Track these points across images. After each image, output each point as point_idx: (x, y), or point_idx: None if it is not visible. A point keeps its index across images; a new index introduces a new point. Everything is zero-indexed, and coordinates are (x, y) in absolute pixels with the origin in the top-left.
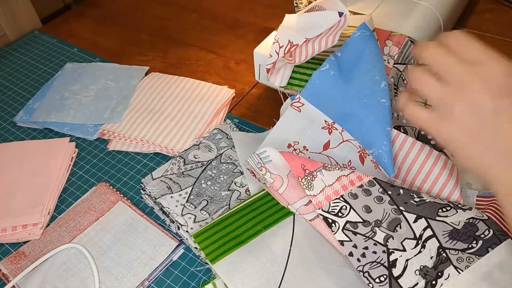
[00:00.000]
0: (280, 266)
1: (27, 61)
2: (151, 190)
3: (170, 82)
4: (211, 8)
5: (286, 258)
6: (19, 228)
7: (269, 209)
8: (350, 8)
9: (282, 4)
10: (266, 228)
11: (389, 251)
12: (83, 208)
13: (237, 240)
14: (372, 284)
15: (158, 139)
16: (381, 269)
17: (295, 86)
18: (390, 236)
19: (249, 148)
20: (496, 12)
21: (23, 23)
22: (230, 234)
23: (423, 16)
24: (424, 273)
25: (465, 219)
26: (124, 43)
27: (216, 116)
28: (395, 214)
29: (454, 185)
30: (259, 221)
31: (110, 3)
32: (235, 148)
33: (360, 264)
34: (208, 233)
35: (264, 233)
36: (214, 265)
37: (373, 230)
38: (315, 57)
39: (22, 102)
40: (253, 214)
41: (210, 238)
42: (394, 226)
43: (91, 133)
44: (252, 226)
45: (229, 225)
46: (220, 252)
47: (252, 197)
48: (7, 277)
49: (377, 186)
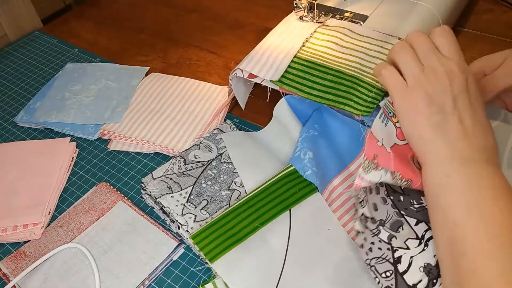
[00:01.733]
0: (278, 261)
1: (28, 61)
2: (151, 190)
3: (170, 82)
4: (211, 8)
5: (284, 254)
6: (20, 228)
7: (265, 205)
8: (350, 8)
9: (282, 4)
10: (263, 224)
11: (393, 248)
12: (84, 208)
13: (235, 238)
14: (379, 278)
15: (158, 139)
16: (387, 264)
17: (285, 85)
18: (393, 236)
19: (242, 149)
20: (496, 12)
21: (23, 23)
22: (227, 232)
23: (423, 16)
24: (428, 271)
25: None
26: (124, 44)
27: (216, 116)
28: (397, 217)
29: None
30: (256, 218)
31: (110, 3)
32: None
33: (368, 258)
34: (206, 233)
35: (262, 229)
36: (213, 264)
37: (378, 228)
38: (315, 61)
39: (22, 102)
40: (249, 211)
41: (208, 237)
42: (397, 227)
43: (92, 133)
44: (249, 223)
45: (226, 223)
46: (218, 251)
47: (248, 194)
48: (8, 276)
49: (384, 188)
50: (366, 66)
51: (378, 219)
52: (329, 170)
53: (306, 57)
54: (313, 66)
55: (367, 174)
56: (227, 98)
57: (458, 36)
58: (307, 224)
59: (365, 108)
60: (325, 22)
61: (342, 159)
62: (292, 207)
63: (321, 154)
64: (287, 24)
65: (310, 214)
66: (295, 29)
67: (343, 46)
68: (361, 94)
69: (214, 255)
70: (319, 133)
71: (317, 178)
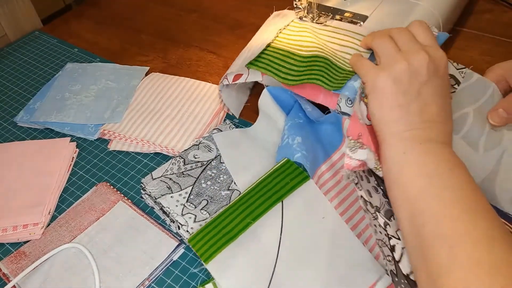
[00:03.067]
0: (271, 257)
1: (28, 61)
2: (151, 190)
3: (170, 82)
4: (211, 8)
5: (277, 249)
6: (20, 228)
7: (257, 200)
8: (350, 8)
9: (282, 4)
10: (256, 220)
11: (389, 235)
12: (84, 208)
13: (228, 237)
14: (386, 261)
15: (158, 139)
16: (387, 249)
17: (261, 69)
18: (387, 223)
19: (234, 149)
20: (496, 12)
21: (23, 23)
22: (221, 232)
23: (423, 16)
24: None
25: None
26: (124, 44)
27: (216, 116)
28: (388, 206)
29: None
30: (248, 214)
31: (110, 3)
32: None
33: (376, 238)
34: (201, 235)
35: (254, 225)
36: (207, 265)
37: (375, 213)
38: (289, 50)
39: (22, 102)
40: (242, 208)
41: (203, 238)
42: (389, 216)
43: (92, 133)
44: (242, 220)
45: (220, 223)
46: (212, 251)
47: (241, 193)
48: (8, 276)
49: (373, 178)
50: (338, 55)
51: (374, 205)
52: (317, 155)
53: (281, 47)
54: (287, 54)
55: (354, 153)
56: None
57: (458, 36)
58: (300, 215)
59: (337, 83)
60: (325, 22)
61: (326, 148)
62: (284, 198)
63: (310, 139)
64: (266, 24)
65: (303, 204)
66: (270, 25)
67: (316, 37)
68: (332, 74)
69: (208, 255)
70: (304, 121)
71: (308, 161)
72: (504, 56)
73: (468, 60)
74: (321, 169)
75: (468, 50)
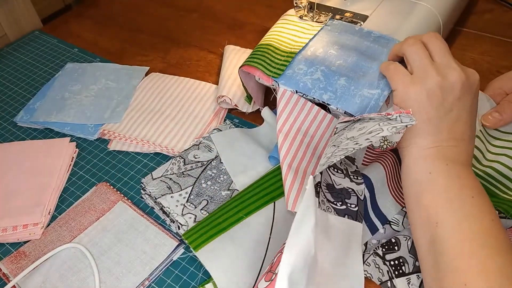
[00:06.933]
0: (260, 252)
1: (28, 61)
2: (151, 190)
3: (170, 82)
4: (211, 8)
5: (267, 245)
6: (20, 228)
7: (250, 197)
8: (350, 8)
9: (282, 4)
10: (248, 215)
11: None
12: (84, 208)
13: (219, 228)
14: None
15: (158, 139)
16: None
17: (254, 63)
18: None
19: (233, 150)
20: (496, 12)
21: (23, 23)
22: (213, 223)
23: (423, 16)
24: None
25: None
26: (124, 43)
27: (216, 116)
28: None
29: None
30: (240, 209)
31: (110, 3)
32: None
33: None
34: (195, 229)
35: (246, 220)
36: (197, 253)
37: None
38: (281, 48)
39: (22, 102)
40: (235, 204)
41: (196, 231)
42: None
43: (92, 133)
44: (234, 214)
45: (212, 216)
46: (202, 240)
47: (238, 193)
48: (8, 276)
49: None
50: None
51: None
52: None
53: (267, 41)
54: (269, 47)
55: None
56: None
57: (458, 36)
58: (290, 218)
59: (275, 70)
60: (325, 22)
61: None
62: (276, 199)
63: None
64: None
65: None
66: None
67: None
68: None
69: (198, 243)
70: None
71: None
72: (504, 56)
73: (468, 60)
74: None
75: (468, 50)
